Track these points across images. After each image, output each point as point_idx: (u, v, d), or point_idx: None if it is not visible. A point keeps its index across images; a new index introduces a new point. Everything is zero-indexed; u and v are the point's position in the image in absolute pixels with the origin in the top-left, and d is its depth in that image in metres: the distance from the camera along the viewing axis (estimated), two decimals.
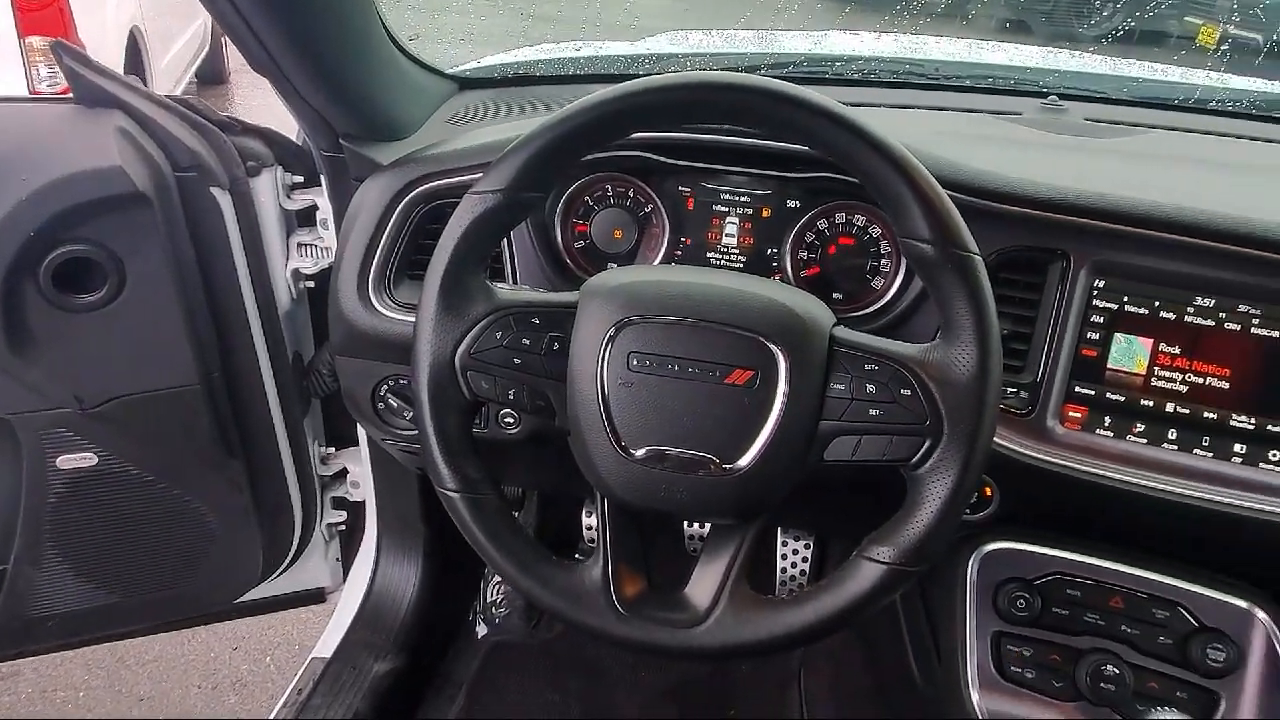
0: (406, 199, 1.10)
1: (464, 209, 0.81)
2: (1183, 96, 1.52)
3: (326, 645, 1.57)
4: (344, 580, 1.70)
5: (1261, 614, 0.99)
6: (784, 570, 1.53)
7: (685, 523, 1.40)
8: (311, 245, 1.39)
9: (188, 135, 1.19)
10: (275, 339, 1.37)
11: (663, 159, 1.06)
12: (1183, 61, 1.79)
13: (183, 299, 1.19)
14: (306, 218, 1.39)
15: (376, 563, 1.62)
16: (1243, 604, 0.99)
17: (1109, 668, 1.00)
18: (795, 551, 1.50)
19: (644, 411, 0.79)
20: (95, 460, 1.25)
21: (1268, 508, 0.94)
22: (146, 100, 1.18)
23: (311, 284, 1.43)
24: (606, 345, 0.79)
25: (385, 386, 1.15)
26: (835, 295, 1.09)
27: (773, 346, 0.78)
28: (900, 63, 1.62)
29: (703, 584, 0.83)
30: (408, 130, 1.23)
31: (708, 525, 0.87)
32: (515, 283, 1.11)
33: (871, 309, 1.08)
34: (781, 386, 0.77)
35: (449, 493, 0.82)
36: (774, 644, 0.80)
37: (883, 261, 1.08)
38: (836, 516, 1.24)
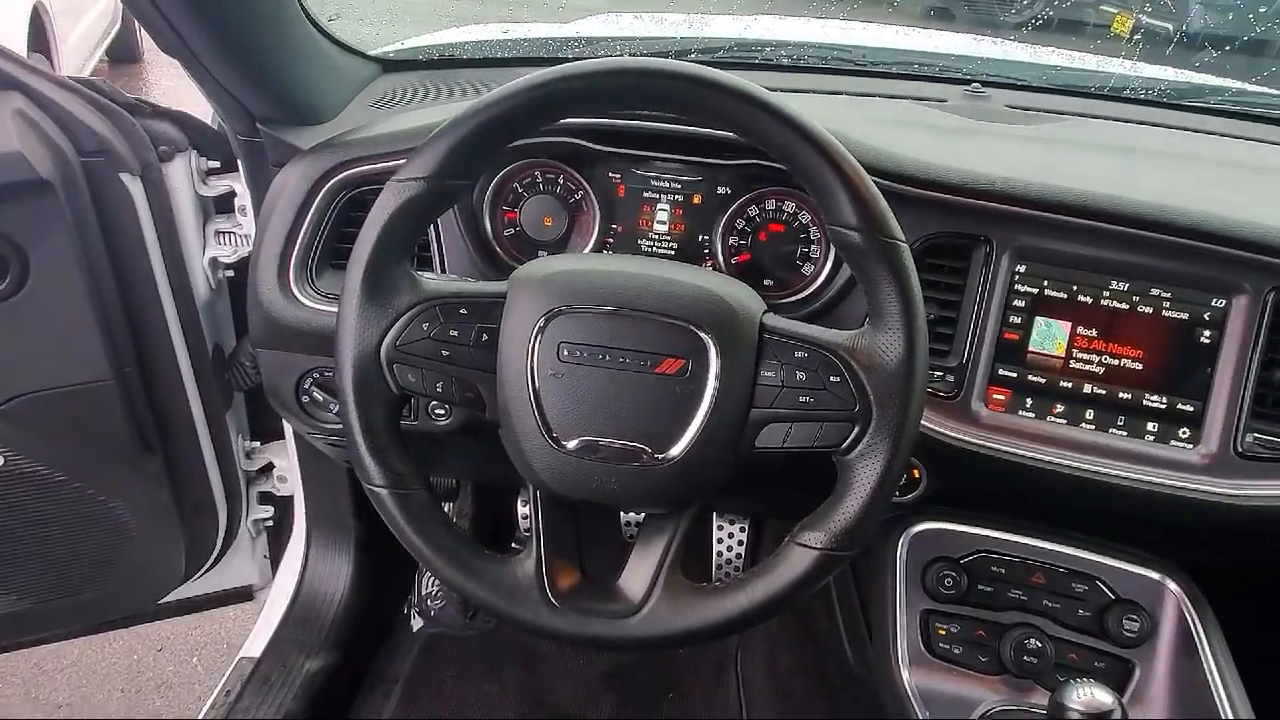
0: (328, 185, 1.07)
1: (387, 197, 0.79)
2: (1098, 85, 1.56)
3: (255, 644, 1.53)
4: (273, 577, 1.66)
5: (1173, 585, 1.03)
6: (720, 555, 1.54)
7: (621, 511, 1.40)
8: (230, 233, 1.34)
9: (93, 118, 1.13)
10: (193, 331, 1.32)
11: (593, 145, 1.05)
12: (1099, 50, 1.84)
13: (92, 291, 1.14)
14: (224, 204, 1.34)
15: (306, 558, 1.58)
16: (1155, 576, 1.03)
17: (1031, 641, 1.03)
18: (731, 535, 1.51)
19: (575, 402, 0.78)
20: (2, 461, 1.19)
21: (1178, 483, 0.98)
22: (47, 81, 1.12)
23: (231, 273, 1.39)
24: (536, 336, 0.78)
25: (310, 379, 1.11)
26: (766, 282, 1.10)
27: (703, 335, 0.77)
28: (828, 49, 1.63)
29: (636, 574, 0.82)
30: (328, 114, 1.19)
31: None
32: (443, 272, 1.09)
33: (802, 295, 1.08)
34: (712, 375, 0.77)
35: (376, 489, 0.80)
36: (708, 632, 0.80)
37: (813, 248, 1.08)
38: (771, 501, 1.25)
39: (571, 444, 0.79)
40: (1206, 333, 0.99)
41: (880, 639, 1.08)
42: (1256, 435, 0.98)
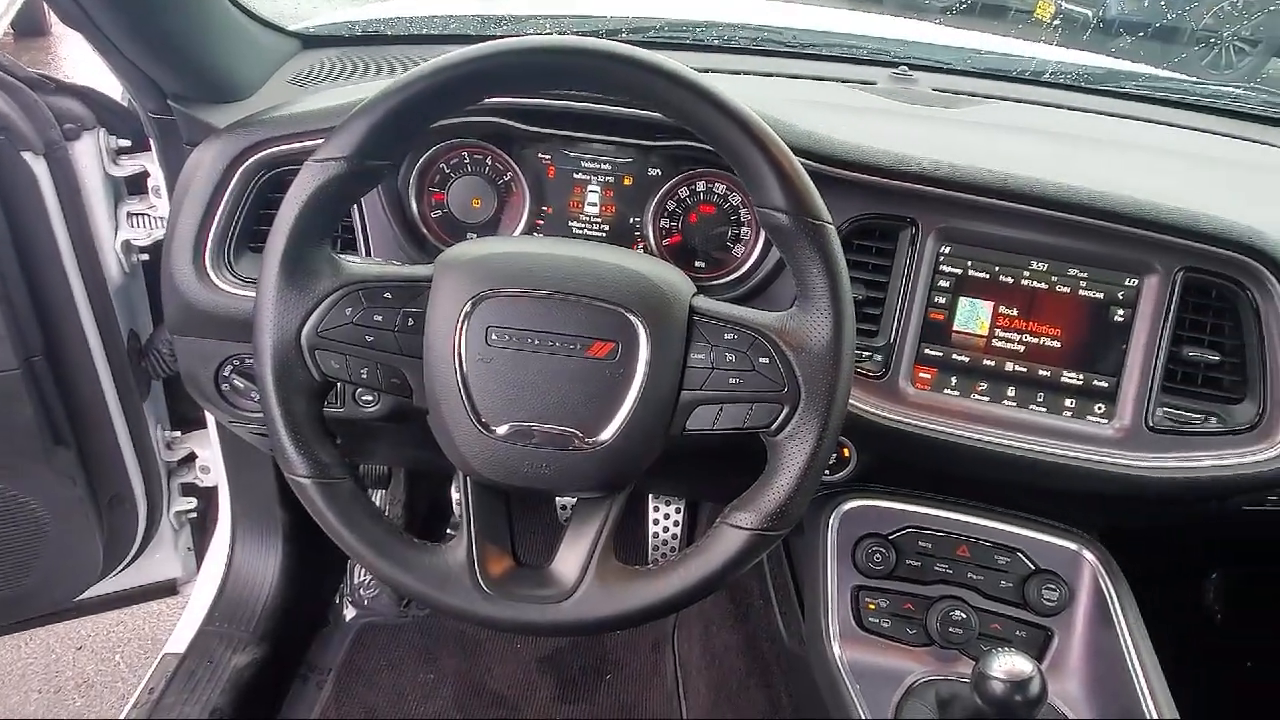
0: (245, 165, 1.03)
1: (305, 177, 0.76)
2: (1021, 69, 1.59)
3: (180, 639, 1.49)
4: (198, 570, 1.62)
5: (1089, 554, 1.07)
6: (656, 536, 1.55)
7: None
8: (144, 215, 1.29)
9: None
10: (106, 317, 1.27)
11: (521, 126, 1.03)
12: (1022, 34, 1.89)
13: None
14: (138, 185, 1.29)
15: (232, 550, 1.55)
16: (1073, 546, 1.07)
17: (956, 613, 1.06)
18: (667, 516, 1.52)
19: (504, 387, 0.77)
20: None
21: (1093, 457, 1.01)
22: None
23: (146, 257, 1.33)
24: (463, 320, 0.77)
25: (229, 367, 1.08)
26: (697, 264, 1.10)
27: (632, 318, 0.77)
28: (758, 30, 1.63)
29: (569, 558, 0.82)
30: (245, 91, 1.14)
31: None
32: (367, 256, 1.06)
33: (733, 277, 1.09)
34: (642, 358, 0.77)
35: (299, 479, 0.78)
36: (641, 615, 0.80)
37: (743, 230, 1.09)
38: (705, 482, 1.26)
39: (501, 429, 0.78)
40: (1120, 311, 1.02)
41: (812, 615, 1.10)
42: (1166, 410, 1.02)
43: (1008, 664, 0.87)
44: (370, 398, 1.06)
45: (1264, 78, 1.68)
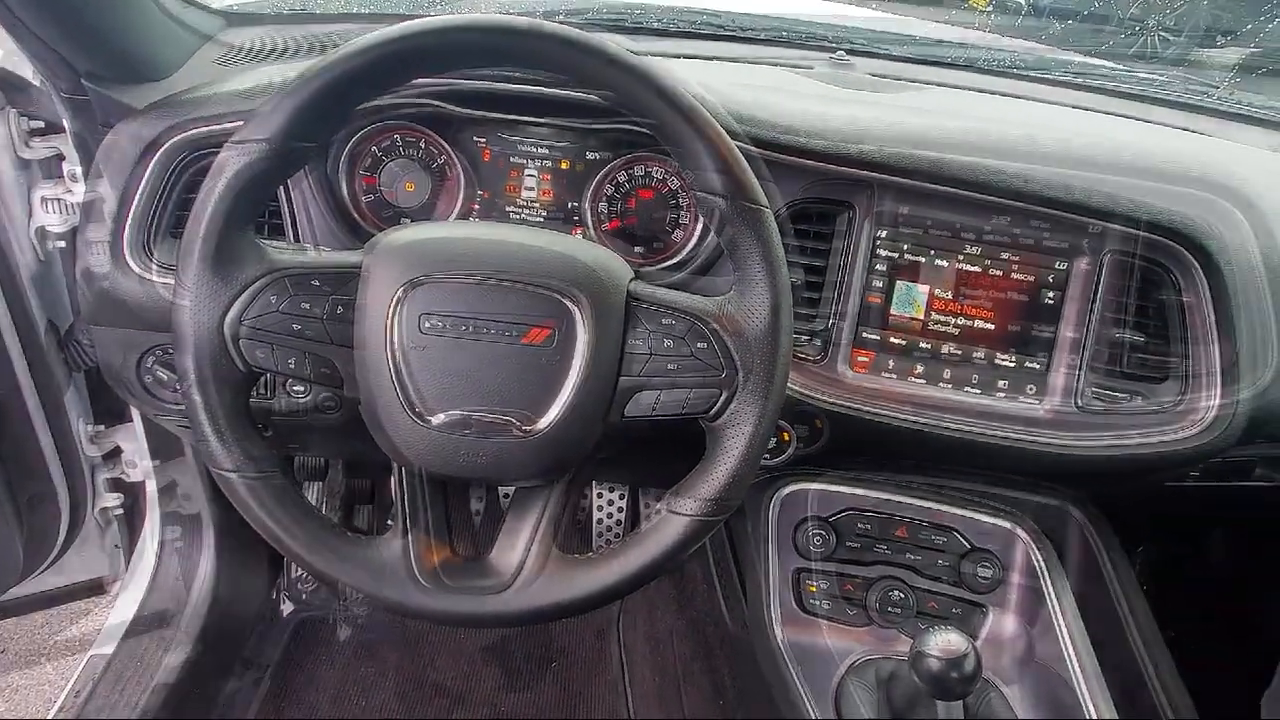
0: (165, 148, 0.99)
1: (226, 160, 0.73)
2: (956, 56, 1.61)
3: (108, 640, 1.44)
4: (126, 568, 1.56)
5: (1021, 532, 1.10)
6: (600, 522, 1.54)
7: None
8: (60, 200, 1.23)
9: None
10: (20, 307, 1.21)
11: (454, 108, 1.01)
12: (957, 20, 1.91)
13: None
14: (53, 169, 1.23)
15: (161, 547, 1.49)
16: (1006, 525, 1.10)
17: (895, 592, 1.08)
18: (611, 503, 1.51)
19: (439, 376, 0.75)
20: None
21: (1025, 437, 1.03)
22: None
23: (64, 244, 1.27)
24: (396, 307, 0.75)
25: (151, 358, 1.04)
26: (637, 248, 1.09)
27: (570, 303, 0.76)
28: (697, 14, 1.62)
29: (509, 547, 0.81)
30: (164, 70, 1.09)
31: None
32: (297, 242, 1.03)
33: (673, 261, 1.08)
34: (580, 344, 0.76)
35: (226, 473, 0.75)
36: (583, 603, 0.79)
37: (683, 214, 1.08)
38: (648, 469, 1.25)
39: (437, 419, 0.76)
40: (1051, 293, 1.04)
41: (754, 598, 1.11)
42: (1095, 390, 1.04)
43: (943, 641, 0.88)
44: (301, 388, 1.03)
45: (1187, 65, 1.73)
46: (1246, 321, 1.01)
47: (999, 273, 1.05)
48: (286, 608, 1.67)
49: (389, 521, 0.82)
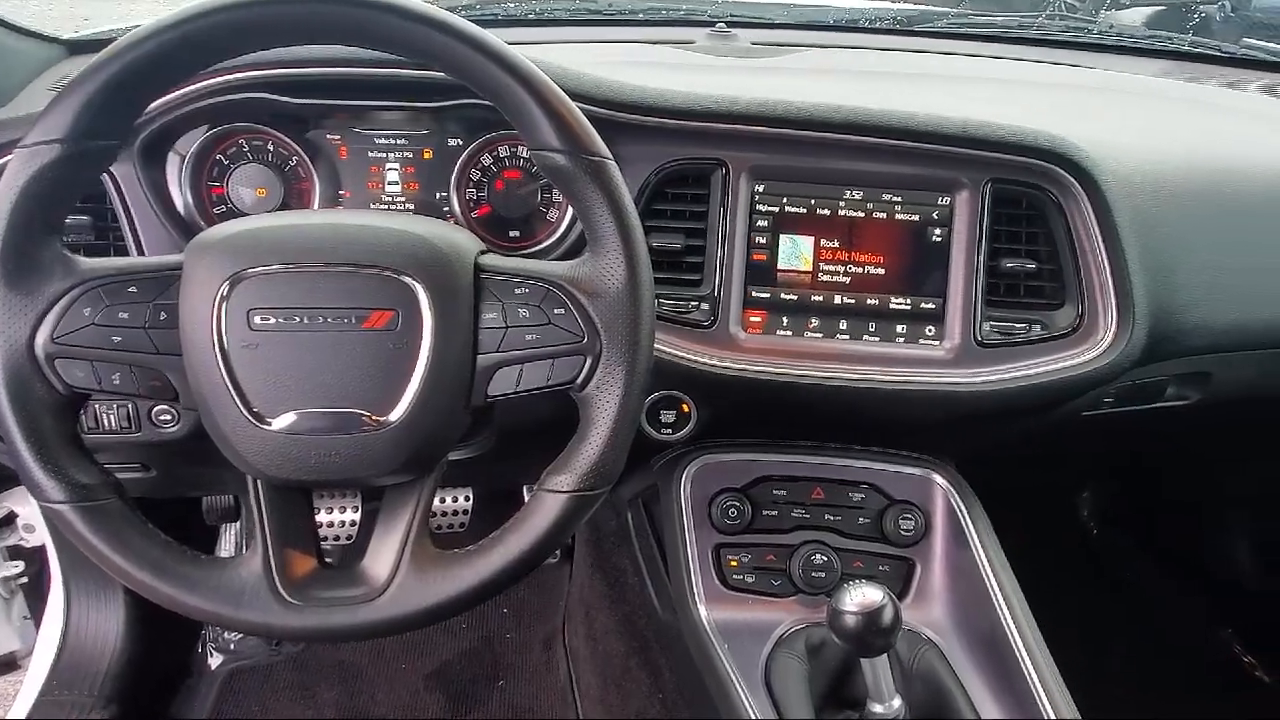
0: None
1: (14, 166, 0.67)
2: (834, 18, 1.61)
3: (18, 712, 1.35)
4: (36, 638, 1.48)
5: (939, 479, 1.07)
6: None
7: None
8: None
9: None
10: None
11: (284, 99, 0.95)
12: None
13: None
14: None
15: (67, 610, 1.41)
16: (921, 472, 1.07)
17: (818, 556, 1.04)
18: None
19: (275, 374, 0.70)
20: None
21: (929, 379, 1.00)
22: None
23: None
24: (220, 304, 0.70)
25: None
26: (512, 233, 1.05)
27: (410, 281, 0.71)
28: (572, 0, 1.60)
29: (381, 552, 0.75)
30: None
31: None
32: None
33: (548, 242, 1.04)
34: (427, 324, 0.71)
35: (53, 505, 0.69)
36: (465, 600, 0.74)
37: (554, 193, 1.04)
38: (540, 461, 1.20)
39: (278, 421, 0.70)
40: (937, 231, 1.02)
41: (677, 581, 1.06)
42: (993, 323, 1.02)
43: (859, 596, 0.84)
44: (168, 416, 0.97)
45: (1067, 5, 1.75)
46: (1134, 236, 0.99)
47: (883, 215, 1.02)
48: (214, 660, 1.59)
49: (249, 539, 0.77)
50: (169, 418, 0.97)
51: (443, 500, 1.30)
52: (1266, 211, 1.13)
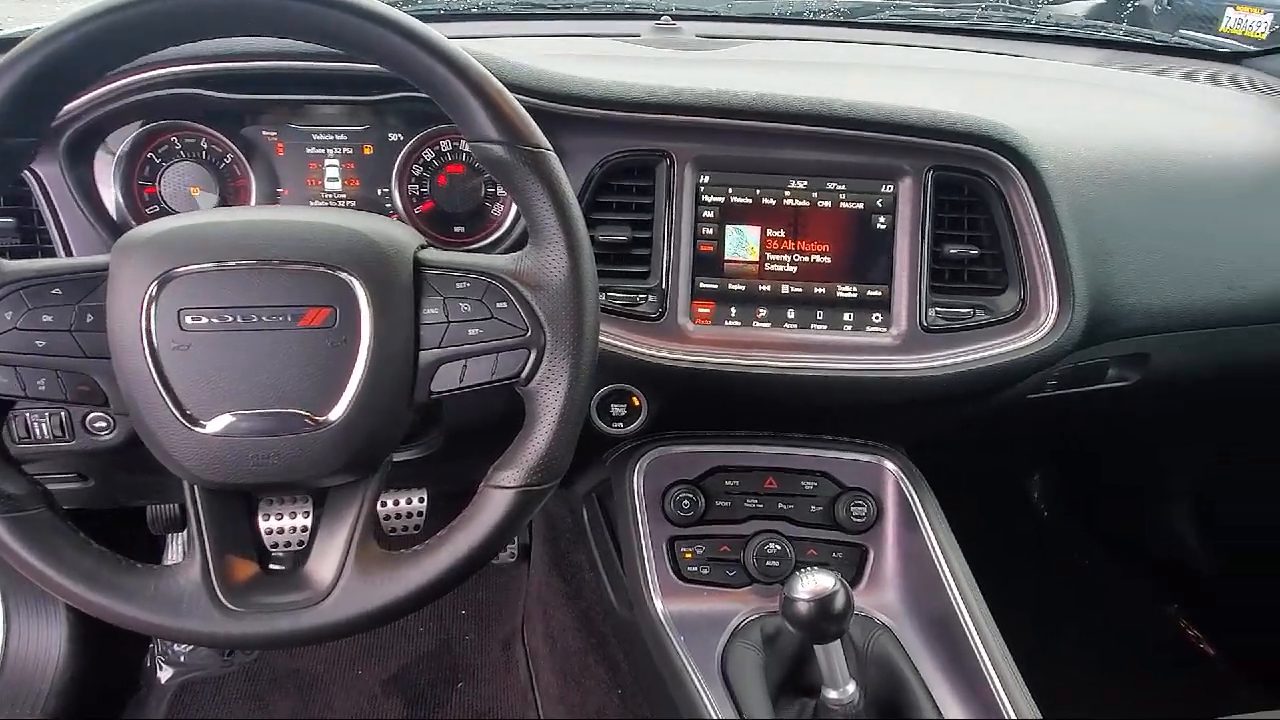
0: None
1: None
2: (779, 10, 1.62)
3: None
4: None
5: (890, 464, 1.08)
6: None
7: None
8: None
9: None
10: None
11: (217, 95, 0.92)
12: None
13: None
14: None
15: (7, 627, 1.37)
16: (872, 459, 1.07)
17: (771, 546, 1.04)
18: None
19: (209, 375, 0.68)
20: None
21: (877, 366, 1.01)
22: None
23: None
24: (149, 305, 0.68)
25: None
26: (457, 229, 1.03)
27: (346, 277, 0.70)
28: None
29: (324, 555, 0.74)
30: None
31: None
32: None
33: (494, 237, 1.03)
34: (366, 320, 0.70)
35: None
36: (413, 600, 0.73)
37: (498, 186, 1.03)
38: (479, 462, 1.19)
39: (213, 424, 0.69)
40: (881, 219, 1.03)
41: (632, 575, 1.06)
42: (938, 309, 1.03)
43: (810, 583, 0.85)
44: (103, 423, 0.94)
45: None
46: (1073, 221, 1.01)
47: (827, 204, 1.03)
48: (164, 673, 1.55)
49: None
50: (104, 424, 0.94)
51: (396, 503, 1.28)
52: (1200, 197, 1.16)
